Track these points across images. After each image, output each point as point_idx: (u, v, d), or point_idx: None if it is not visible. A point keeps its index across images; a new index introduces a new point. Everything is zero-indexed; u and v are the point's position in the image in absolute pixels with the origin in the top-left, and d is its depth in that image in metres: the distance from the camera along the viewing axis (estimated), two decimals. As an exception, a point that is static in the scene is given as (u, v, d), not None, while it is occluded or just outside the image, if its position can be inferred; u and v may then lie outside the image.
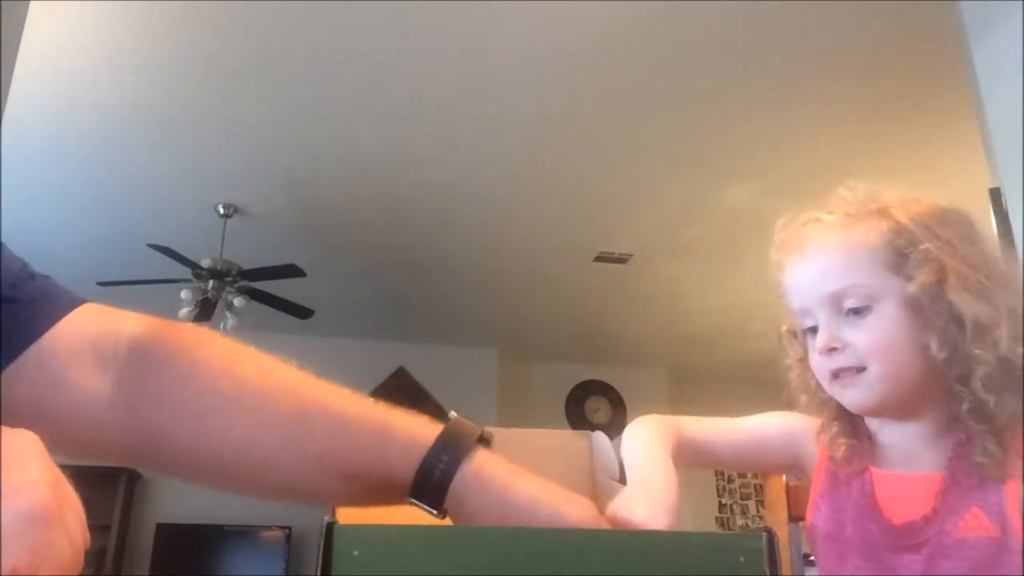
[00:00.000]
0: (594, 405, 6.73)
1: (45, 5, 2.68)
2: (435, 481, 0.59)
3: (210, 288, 4.28)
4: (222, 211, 4.25)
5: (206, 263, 4.26)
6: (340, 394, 0.64)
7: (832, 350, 0.82)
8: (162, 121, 3.54)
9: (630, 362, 6.63)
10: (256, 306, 4.49)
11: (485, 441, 0.63)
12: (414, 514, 0.62)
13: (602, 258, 4.90)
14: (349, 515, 0.64)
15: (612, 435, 0.79)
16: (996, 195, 1.99)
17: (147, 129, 3.60)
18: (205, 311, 4.28)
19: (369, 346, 6.10)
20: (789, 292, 0.88)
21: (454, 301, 5.56)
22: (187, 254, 4.07)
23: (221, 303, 4.34)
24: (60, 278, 0.66)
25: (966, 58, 2.21)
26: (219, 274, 4.28)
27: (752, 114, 3.50)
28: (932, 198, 0.87)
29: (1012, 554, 0.74)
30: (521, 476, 0.61)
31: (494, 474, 0.60)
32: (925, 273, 0.79)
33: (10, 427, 0.41)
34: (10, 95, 2.19)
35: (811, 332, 0.86)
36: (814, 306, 0.84)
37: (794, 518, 1.09)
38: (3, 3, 2.05)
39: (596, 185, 4.10)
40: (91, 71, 3.20)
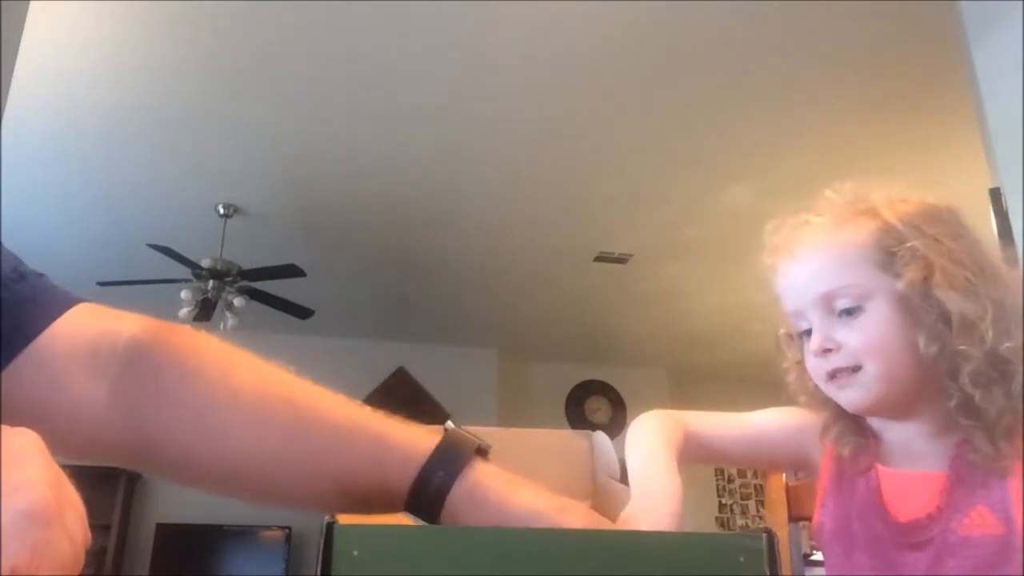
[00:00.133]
0: (594, 405, 6.73)
1: (45, 5, 2.68)
2: (431, 495, 0.59)
3: (210, 288, 4.28)
4: (222, 211, 4.25)
5: (206, 263, 4.26)
6: (337, 403, 0.64)
7: (826, 351, 0.83)
8: (162, 121, 3.54)
9: (630, 362, 6.63)
10: (256, 306, 4.50)
11: (482, 452, 0.62)
12: (414, 514, 0.61)
13: (602, 258, 4.90)
14: (349, 515, 0.64)
15: (612, 435, 0.79)
16: (996, 195, 1.99)
17: (147, 129, 3.60)
18: (205, 311, 4.28)
19: (369, 346, 6.10)
20: (782, 295, 0.88)
21: (454, 301, 5.56)
22: (187, 254, 4.07)
23: (221, 303, 4.34)
24: (60, 278, 0.66)
25: (966, 58, 2.21)
26: (219, 274, 4.29)
27: (752, 114, 3.50)
28: (921, 196, 0.87)
29: (1017, 551, 0.74)
30: (518, 487, 0.60)
31: (491, 487, 0.59)
32: (913, 271, 0.79)
33: (10, 426, 0.41)
34: (10, 95, 2.19)
35: (806, 335, 0.86)
36: (807, 308, 0.84)
37: (794, 518, 1.09)
38: (3, 3, 2.05)
39: (596, 185, 4.10)
40: (91, 71, 3.20)
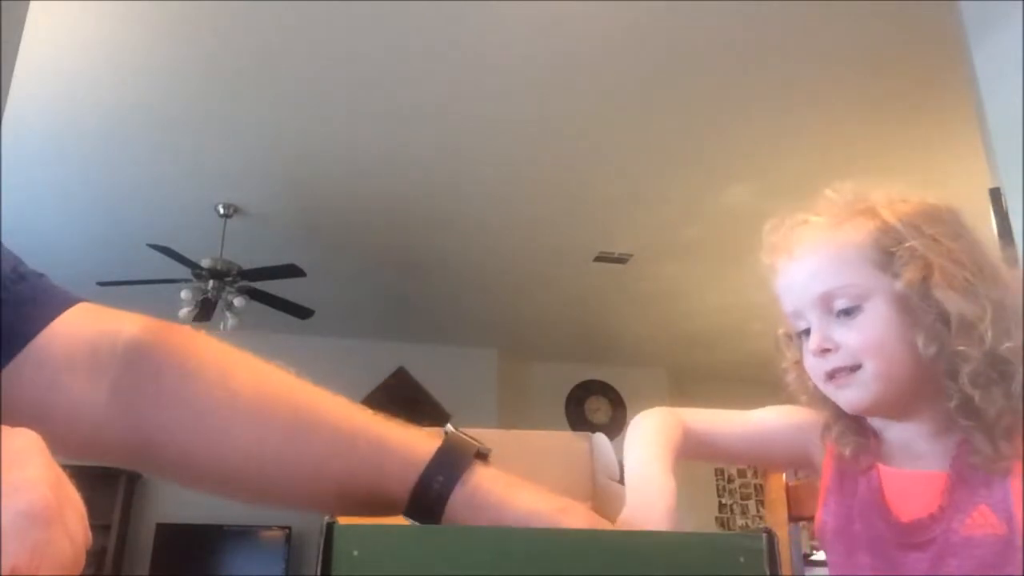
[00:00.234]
0: (594, 405, 6.73)
1: (45, 5, 2.68)
2: (431, 501, 0.59)
3: (210, 288, 4.28)
4: (222, 211, 4.25)
5: (206, 263, 4.26)
6: (337, 405, 0.64)
7: (825, 351, 0.83)
8: (162, 121, 3.54)
9: (630, 362, 6.63)
10: (256, 306, 4.50)
11: (482, 456, 0.62)
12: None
13: (602, 258, 4.90)
14: (350, 515, 0.64)
15: (612, 435, 0.79)
16: (996, 195, 1.99)
17: (147, 129, 3.60)
18: (205, 311, 4.28)
19: (369, 346, 6.10)
20: (781, 295, 0.88)
21: (454, 301, 5.56)
22: (187, 254, 4.07)
23: (221, 303, 4.34)
24: (60, 278, 0.66)
25: (966, 58, 2.21)
26: (219, 274, 4.29)
27: (752, 114, 3.50)
28: (920, 196, 0.87)
29: (1018, 551, 0.74)
30: (519, 489, 0.60)
31: (491, 490, 0.59)
32: (911, 271, 0.79)
33: (10, 427, 0.41)
34: (10, 95, 2.19)
35: (805, 334, 0.86)
36: (805, 308, 0.84)
37: (794, 518, 1.09)
38: (3, 3, 2.05)
39: (596, 185, 4.10)
40: (91, 71, 3.20)
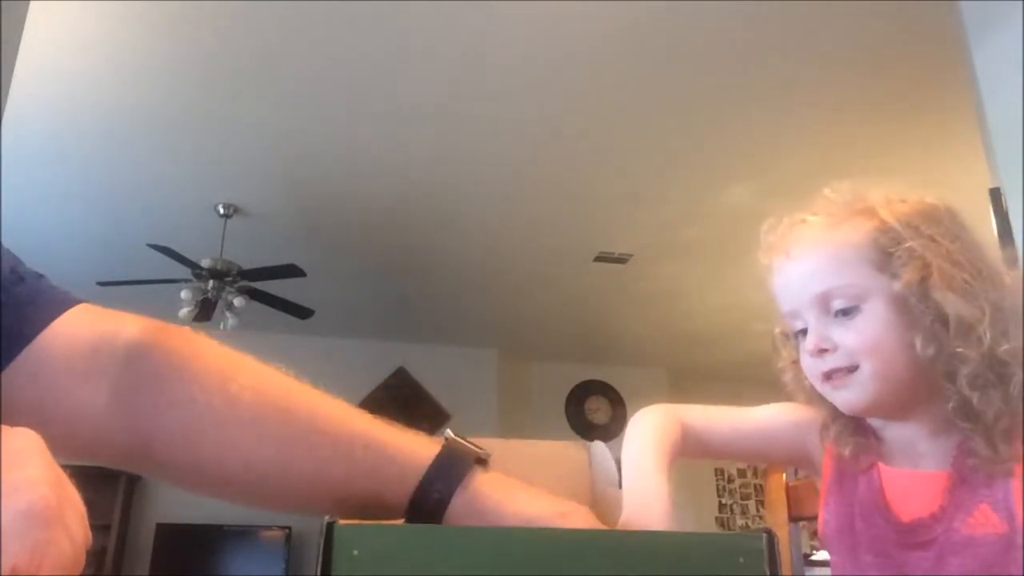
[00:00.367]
0: (594, 405, 6.73)
1: (45, 5, 2.68)
2: (430, 507, 0.59)
3: (210, 288, 4.28)
4: (222, 211, 4.24)
5: (206, 263, 4.26)
6: (336, 410, 0.64)
7: (822, 351, 0.82)
8: (162, 121, 3.54)
9: (630, 362, 6.63)
10: (256, 306, 4.49)
11: (482, 462, 0.62)
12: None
13: (602, 258, 4.90)
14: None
15: (612, 435, 0.78)
16: (996, 195, 1.99)
17: (147, 129, 3.60)
18: (205, 311, 4.28)
19: (369, 346, 6.10)
20: (778, 294, 0.88)
21: (454, 301, 5.56)
22: (187, 254, 4.07)
23: (221, 303, 4.34)
24: (60, 278, 0.66)
25: (966, 58, 2.21)
26: (219, 274, 4.28)
27: (752, 114, 3.50)
28: (919, 196, 0.86)
29: (1020, 550, 0.74)
30: (517, 493, 0.60)
31: (490, 496, 0.60)
32: (910, 271, 0.79)
33: (10, 427, 0.41)
34: (10, 95, 2.19)
35: (802, 334, 0.85)
36: (803, 308, 0.84)
37: (794, 518, 1.09)
38: (3, 3, 2.05)
39: (596, 185, 4.10)
40: (91, 71, 3.20)
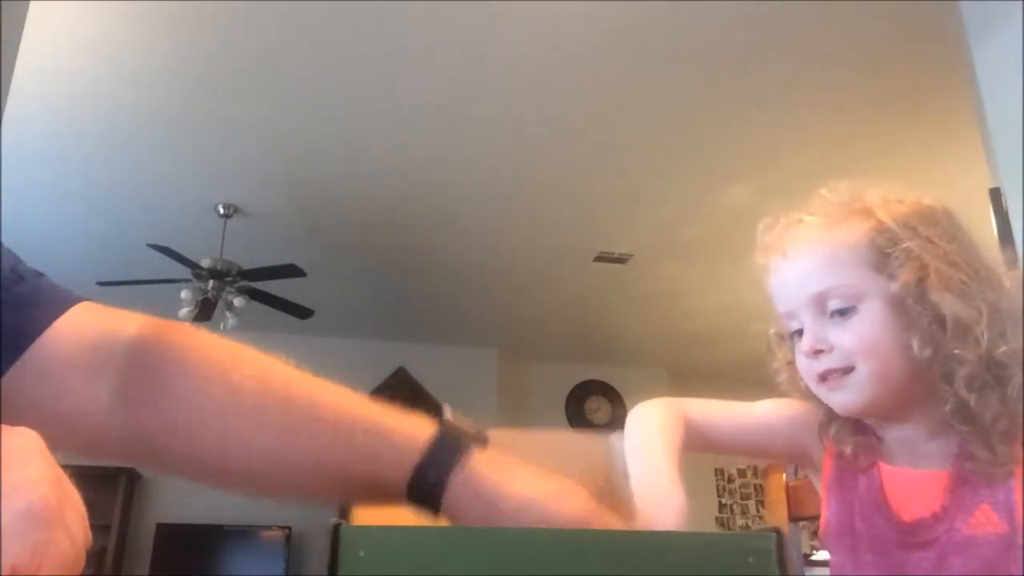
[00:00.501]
0: (594, 405, 6.73)
1: (45, 5, 2.68)
2: (429, 489, 0.59)
3: (210, 288, 4.28)
4: (222, 211, 4.24)
5: (206, 263, 4.26)
6: (336, 396, 0.64)
7: (818, 352, 0.82)
8: (162, 121, 3.54)
9: (630, 362, 6.63)
10: (256, 306, 4.49)
11: (481, 440, 0.62)
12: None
13: (602, 258, 4.90)
14: (365, 516, 0.64)
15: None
16: (996, 195, 1.99)
17: (147, 129, 3.60)
18: (205, 311, 4.28)
19: (369, 346, 6.10)
20: (774, 295, 0.88)
21: (454, 301, 5.56)
22: (187, 254, 4.07)
23: (221, 303, 4.34)
24: (60, 278, 0.66)
25: (966, 58, 2.21)
26: (219, 274, 4.29)
27: (752, 114, 3.50)
28: (916, 196, 0.86)
29: (1020, 550, 0.74)
30: (515, 474, 0.60)
31: (487, 476, 0.59)
32: (907, 272, 0.78)
33: (10, 426, 0.41)
34: (10, 95, 2.19)
35: (797, 335, 0.85)
36: (799, 308, 0.83)
37: (794, 518, 1.09)
38: (3, 3, 2.05)
39: (596, 185, 4.09)
40: (91, 71, 3.20)
